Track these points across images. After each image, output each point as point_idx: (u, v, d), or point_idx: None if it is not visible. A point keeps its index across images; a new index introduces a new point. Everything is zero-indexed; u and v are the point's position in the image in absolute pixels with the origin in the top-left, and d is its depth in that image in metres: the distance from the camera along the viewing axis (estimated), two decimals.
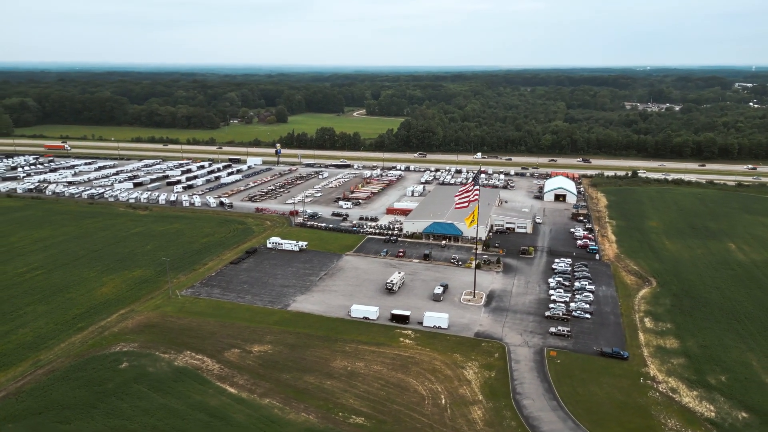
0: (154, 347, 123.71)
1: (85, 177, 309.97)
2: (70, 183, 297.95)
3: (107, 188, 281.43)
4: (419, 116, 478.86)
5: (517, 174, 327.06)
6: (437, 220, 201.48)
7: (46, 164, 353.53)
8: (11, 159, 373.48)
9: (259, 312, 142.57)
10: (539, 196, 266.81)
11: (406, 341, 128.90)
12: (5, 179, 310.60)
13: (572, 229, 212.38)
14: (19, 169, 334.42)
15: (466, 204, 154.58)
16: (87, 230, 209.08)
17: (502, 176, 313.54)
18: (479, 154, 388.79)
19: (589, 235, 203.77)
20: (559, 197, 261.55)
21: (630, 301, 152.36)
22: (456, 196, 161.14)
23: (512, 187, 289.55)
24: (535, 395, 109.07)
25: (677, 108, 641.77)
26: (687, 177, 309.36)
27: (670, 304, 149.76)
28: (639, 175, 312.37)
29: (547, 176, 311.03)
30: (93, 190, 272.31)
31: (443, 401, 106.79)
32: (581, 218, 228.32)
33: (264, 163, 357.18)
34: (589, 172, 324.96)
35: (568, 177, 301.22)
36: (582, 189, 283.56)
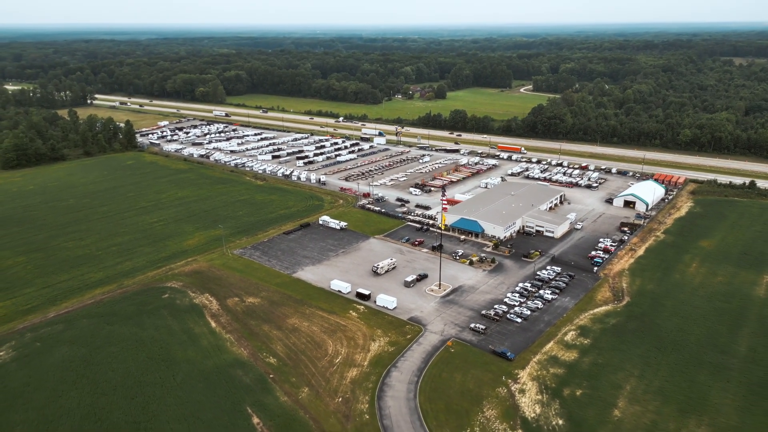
0: (189, 287, 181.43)
1: (244, 147, 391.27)
2: (232, 152, 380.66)
3: (251, 159, 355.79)
4: (559, 101, 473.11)
5: (619, 172, 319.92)
6: (465, 216, 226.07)
7: (227, 133, 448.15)
8: (209, 126, 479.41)
9: (271, 273, 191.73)
10: (610, 201, 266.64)
11: (353, 314, 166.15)
12: (194, 144, 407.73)
13: (601, 239, 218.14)
14: (207, 136, 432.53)
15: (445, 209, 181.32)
16: (213, 194, 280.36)
17: (595, 174, 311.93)
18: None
19: (610, 248, 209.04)
20: (629, 204, 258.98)
21: (578, 314, 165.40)
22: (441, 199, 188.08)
23: (595, 187, 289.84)
24: (406, 371, 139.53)
25: None
26: None
27: (612, 323, 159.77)
28: (757, 185, 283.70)
29: (651, 177, 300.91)
30: (239, 160, 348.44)
31: (338, 360, 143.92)
32: (626, 229, 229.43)
33: (387, 142, 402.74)
34: (719, 178, 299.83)
35: (658, 181, 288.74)
36: (670, 197, 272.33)
